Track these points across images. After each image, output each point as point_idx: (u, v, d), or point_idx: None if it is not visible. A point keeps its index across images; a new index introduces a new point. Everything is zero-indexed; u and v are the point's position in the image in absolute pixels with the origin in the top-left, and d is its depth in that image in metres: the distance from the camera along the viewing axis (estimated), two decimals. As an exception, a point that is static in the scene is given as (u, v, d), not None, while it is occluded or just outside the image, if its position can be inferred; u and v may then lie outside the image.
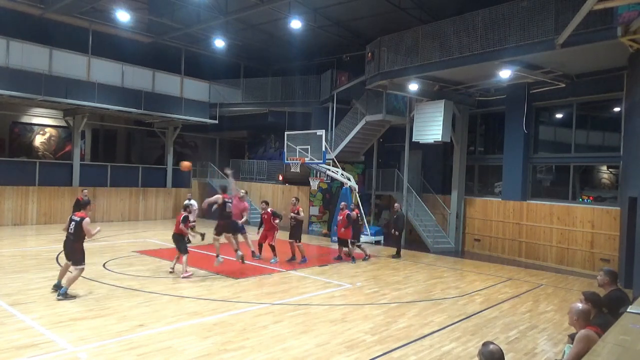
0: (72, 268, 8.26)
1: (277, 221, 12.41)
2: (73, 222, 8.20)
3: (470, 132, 17.37)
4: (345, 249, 13.28)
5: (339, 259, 13.30)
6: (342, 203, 14.06)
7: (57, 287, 8.31)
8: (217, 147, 28.02)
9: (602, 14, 9.63)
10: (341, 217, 13.13)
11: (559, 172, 15.50)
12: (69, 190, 19.02)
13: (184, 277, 9.99)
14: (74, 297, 8.11)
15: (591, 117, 14.79)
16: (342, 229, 13.08)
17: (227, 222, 10.60)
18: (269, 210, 12.44)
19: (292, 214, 12.73)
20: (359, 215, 13.96)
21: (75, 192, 19.12)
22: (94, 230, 8.31)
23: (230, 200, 10.61)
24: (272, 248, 12.41)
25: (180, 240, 10.49)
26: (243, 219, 11.41)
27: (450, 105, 15.40)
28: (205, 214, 10.59)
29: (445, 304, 8.95)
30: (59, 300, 7.91)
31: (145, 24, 19.83)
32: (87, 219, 8.25)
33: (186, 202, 13.15)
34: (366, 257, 13.50)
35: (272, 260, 12.37)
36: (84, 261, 8.31)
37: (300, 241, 12.54)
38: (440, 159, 18.39)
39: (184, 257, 10.26)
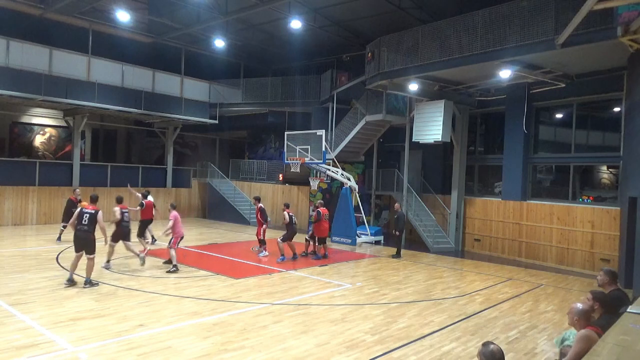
0: (88, 257, 8.87)
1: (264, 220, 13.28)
2: (87, 215, 8.87)
3: (470, 132, 17.37)
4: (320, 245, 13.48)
5: (311, 254, 13.50)
6: (319, 201, 14.14)
7: (70, 282, 8.86)
8: (217, 147, 28.02)
9: (602, 14, 9.62)
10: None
11: (559, 172, 15.50)
12: (68, 190, 18.94)
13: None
14: (97, 283, 9.02)
15: (591, 117, 14.79)
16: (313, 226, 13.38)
17: (123, 230, 10.69)
18: (257, 205, 13.52)
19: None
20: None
21: (75, 192, 19.15)
22: (106, 231, 9.18)
23: (126, 210, 10.81)
24: (260, 242, 13.29)
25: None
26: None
27: (450, 105, 15.40)
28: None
29: (445, 304, 8.95)
30: (85, 288, 8.70)
31: (145, 24, 19.83)
32: (101, 212, 9.06)
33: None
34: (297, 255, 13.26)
35: (260, 254, 13.13)
36: (95, 250, 9.03)
37: (284, 241, 12.57)
38: (440, 159, 18.39)
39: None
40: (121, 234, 10.62)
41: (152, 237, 14.23)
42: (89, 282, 8.88)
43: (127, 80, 19.50)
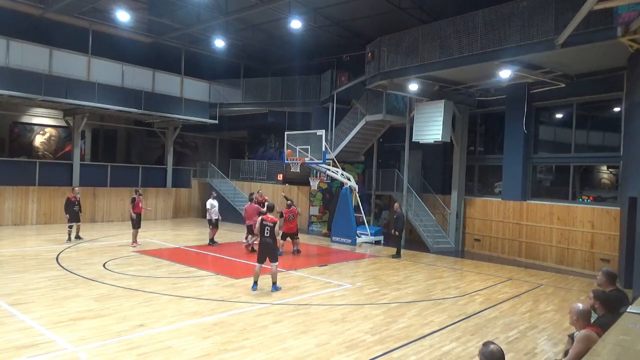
0: (273, 265, 9.26)
1: None
2: (268, 227, 9.21)
3: (470, 132, 17.37)
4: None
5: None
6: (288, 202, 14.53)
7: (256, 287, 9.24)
8: (217, 147, 28.02)
9: (602, 14, 9.63)
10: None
11: (559, 172, 15.50)
12: (69, 190, 18.94)
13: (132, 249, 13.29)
14: (280, 287, 9.36)
15: (591, 117, 14.79)
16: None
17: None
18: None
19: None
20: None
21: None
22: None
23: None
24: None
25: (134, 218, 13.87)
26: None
27: (450, 105, 15.40)
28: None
29: (445, 304, 8.95)
30: (272, 291, 9.17)
31: (145, 24, 19.83)
32: (278, 224, 9.41)
33: (210, 200, 14.88)
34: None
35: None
36: (277, 258, 9.47)
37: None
38: (440, 159, 18.39)
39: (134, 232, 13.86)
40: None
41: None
42: (276, 287, 9.27)
43: (127, 80, 19.49)
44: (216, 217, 14.70)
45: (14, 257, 11.49)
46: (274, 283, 9.30)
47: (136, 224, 13.85)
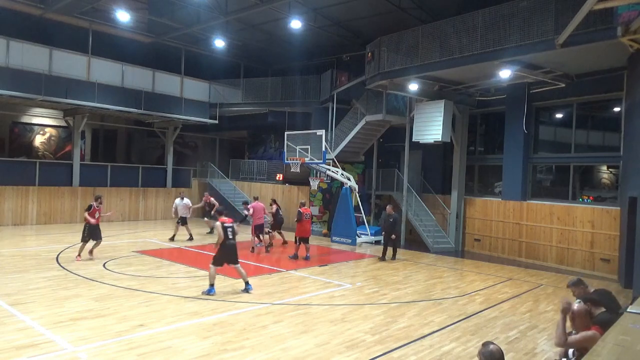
0: (237, 267, 9.11)
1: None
2: (230, 229, 9.06)
3: (470, 132, 17.36)
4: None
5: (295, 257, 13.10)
6: (300, 202, 14.53)
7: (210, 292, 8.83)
8: (217, 147, 28.02)
9: (602, 14, 9.62)
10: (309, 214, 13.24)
11: (559, 172, 15.49)
12: (69, 190, 19.04)
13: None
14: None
15: (591, 117, 14.79)
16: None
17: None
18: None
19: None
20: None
21: (75, 192, 19.15)
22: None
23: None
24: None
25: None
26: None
27: (450, 105, 15.40)
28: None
29: (445, 304, 8.95)
30: (247, 292, 8.99)
31: (145, 24, 19.82)
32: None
33: (177, 200, 15.83)
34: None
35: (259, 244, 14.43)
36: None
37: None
38: (440, 159, 18.38)
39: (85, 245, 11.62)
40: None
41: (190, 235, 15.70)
42: (250, 286, 9.14)
43: (127, 80, 19.50)
44: (181, 216, 15.57)
45: (14, 257, 11.49)
46: (247, 282, 9.07)
47: (86, 236, 11.42)
